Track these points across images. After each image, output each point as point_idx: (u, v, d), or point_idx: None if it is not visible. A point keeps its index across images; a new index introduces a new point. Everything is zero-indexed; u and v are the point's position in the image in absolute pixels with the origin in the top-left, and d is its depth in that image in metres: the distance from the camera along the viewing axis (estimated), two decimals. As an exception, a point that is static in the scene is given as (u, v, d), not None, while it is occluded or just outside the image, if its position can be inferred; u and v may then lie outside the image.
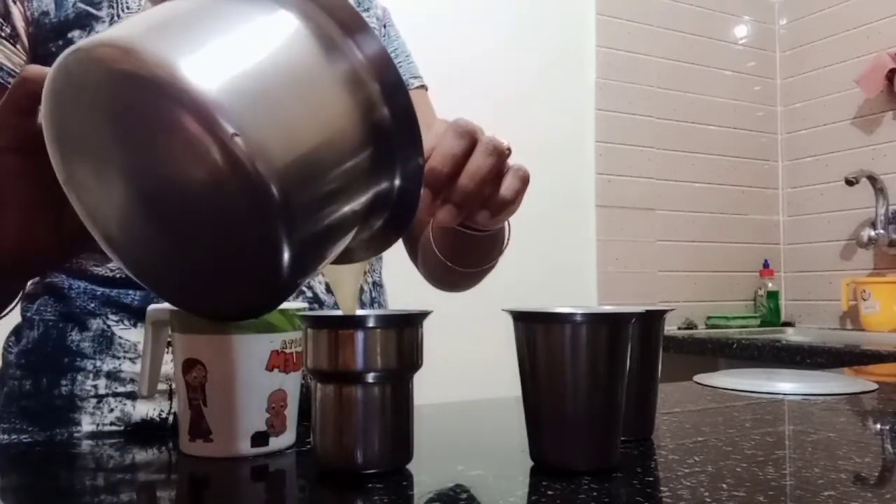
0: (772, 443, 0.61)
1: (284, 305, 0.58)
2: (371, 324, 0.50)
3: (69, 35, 0.68)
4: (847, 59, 2.31)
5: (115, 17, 0.71)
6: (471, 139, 0.51)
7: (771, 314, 2.37)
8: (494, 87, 2.04)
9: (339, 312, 0.56)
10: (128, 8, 0.71)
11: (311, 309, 0.72)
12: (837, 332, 2.25)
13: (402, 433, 0.51)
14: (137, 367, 0.68)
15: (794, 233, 2.49)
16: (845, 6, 2.33)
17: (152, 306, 0.61)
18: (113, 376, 0.68)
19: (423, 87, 0.96)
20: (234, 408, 0.55)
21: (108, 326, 0.68)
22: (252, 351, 0.55)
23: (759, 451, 0.57)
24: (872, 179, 2.15)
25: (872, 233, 2.16)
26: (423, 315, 0.52)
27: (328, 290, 0.75)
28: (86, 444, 0.62)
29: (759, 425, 0.69)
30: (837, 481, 0.48)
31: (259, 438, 0.55)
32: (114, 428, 0.67)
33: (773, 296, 2.39)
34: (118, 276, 0.69)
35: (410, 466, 0.52)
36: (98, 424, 0.67)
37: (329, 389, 0.50)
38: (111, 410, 0.67)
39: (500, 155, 0.52)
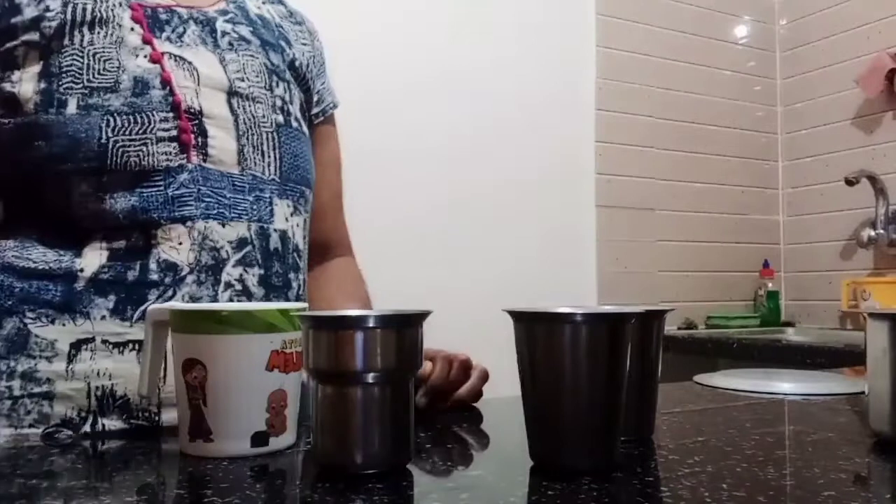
0: (772, 443, 0.61)
1: (284, 306, 0.58)
2: (371, 324, 0.50)
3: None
4: (847, 59, 2.31)
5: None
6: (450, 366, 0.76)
7: (771, 314, 2.37)
8: (495, 88, 2.04)
9: (339, 312, 0.56)
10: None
11: (240, 301, 0.72)
12: (837, 332, 2.25)
13: (402, 433, 0.51)
14: (53, 367, 0.66)
15: (794, 233, 2.49)
16: (845, 6, 2.33)
17: (152, 306, 0.61)
18: (28, 377, 0.66)
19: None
20: (234, 408, 0.55)
21: (25, 325, 0.67)
22: (252, 351, 0.55)
23: (759, 451, 0.57)
24: (872, 179, 2.15)
25: (872, 233, 2.16)
26: (423, 315, 0.52)
27: (259, 282, 0.75)
28: (85, 442, 0.63)
29: (759, 425, 0.69)
30: (837, 481, 0.48)
31: (259, 438, 0.55)
32: (32, 430, 0.66)
33: (773, 296, 2.39)
34: (40, 267, 0.68)
35: (410, 466, 0.52)
36: (16, 426, 0.66)
37: (329, 389, 0.50)
38: (28, 412, 0.66)
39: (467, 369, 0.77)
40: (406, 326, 0.51)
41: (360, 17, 1.86)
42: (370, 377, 0.49)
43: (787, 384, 0.87)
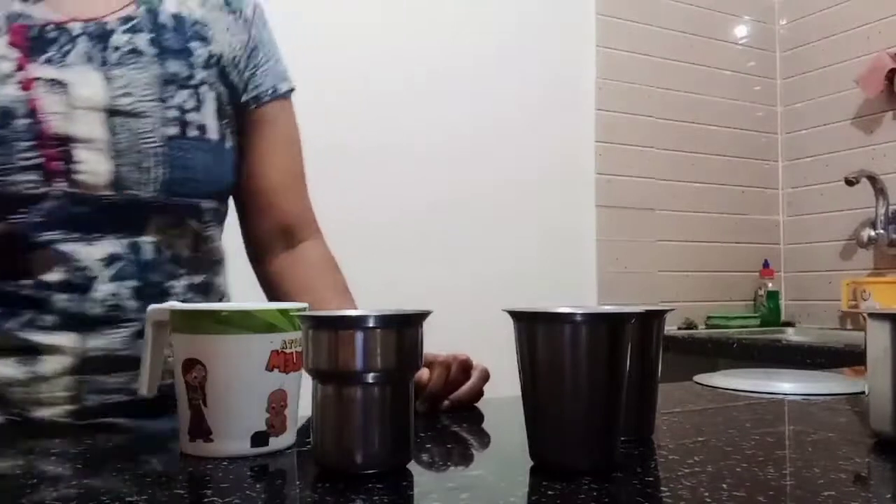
0: (772, 443, 0.61)
1: (285, 306, 0.58)
2: (371, 324, 0.50)
3: None
4: (847, 59, 2.31)
5: None
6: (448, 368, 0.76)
7: (771, 314, 2.37)
8: (495, 88, 2.04)
9: (339, 312, 0.56)
10: None
11: (114, 314, 0.75)
12: (837, 332, 2.25)
13: (402, 433, 0.51)
14: None
15: (794, 233, 2.49)
16: (845, 6, 2.33)
17: (152, 306, 0.61)
18: None
19: (291, 90, 0.94)
20: (234, 408, 0.55)
21: None
22: (252, 351, 0.55)
23: (759, 451, 0.57)
24: (872, 179, 2.15)
25: (872, 233, 2.16)
26: (423, 315, 0.52)
27: (134, 295, 0.77)
28: (84, 441, 0.62)
29: (759, 425, 0.69)
30: (837, 481, 0.48)
31: (259, 438, 0.55)
32: None
33: (773, 296, 2.39)
34: None
35: (410, 466, 0.52)
36: None
37: (329, 389, 0.50)
38: None
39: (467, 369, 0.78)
40: (406, 326, 0.51)
41: (359, 17, 1.86)
42: (370, 377, 0.49)
43: (787, 384, 0.87)
